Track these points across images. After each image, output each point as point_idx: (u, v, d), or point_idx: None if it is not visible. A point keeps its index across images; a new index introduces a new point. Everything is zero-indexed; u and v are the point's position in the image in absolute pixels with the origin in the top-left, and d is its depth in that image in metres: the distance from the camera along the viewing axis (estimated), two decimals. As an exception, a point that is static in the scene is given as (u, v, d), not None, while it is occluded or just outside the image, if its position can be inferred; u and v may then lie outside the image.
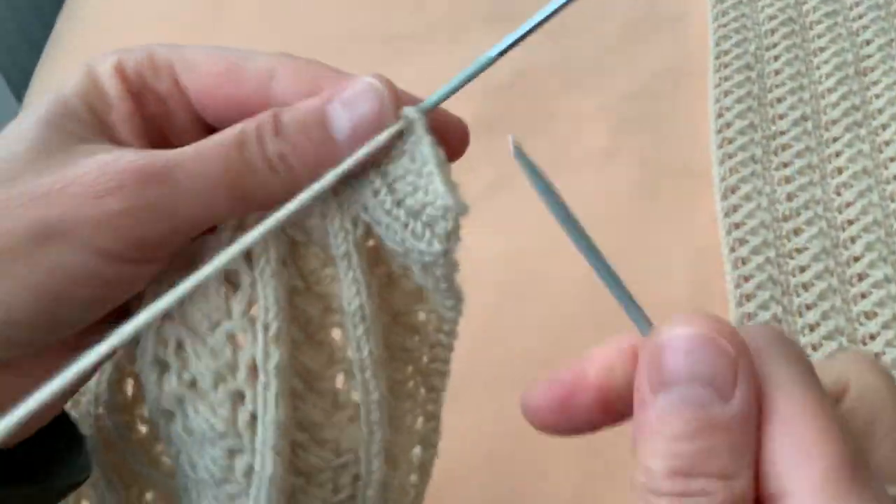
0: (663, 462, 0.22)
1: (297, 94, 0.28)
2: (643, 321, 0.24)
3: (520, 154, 0.24)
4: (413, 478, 0.35)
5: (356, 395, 0.31)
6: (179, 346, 0.29)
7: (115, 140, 0.28)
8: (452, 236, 0.27)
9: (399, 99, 0.28)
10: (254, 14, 0.73)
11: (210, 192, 0.27)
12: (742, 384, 0.22)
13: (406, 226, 0.28)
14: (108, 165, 0.26)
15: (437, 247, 0.27)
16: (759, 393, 0.22)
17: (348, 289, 0.30)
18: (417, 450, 0.35)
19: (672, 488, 0.21)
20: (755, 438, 0.22)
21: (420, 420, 0.34)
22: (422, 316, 0.32)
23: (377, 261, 0.30)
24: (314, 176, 0.26)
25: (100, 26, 0.74)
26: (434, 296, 0.31)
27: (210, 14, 0.73)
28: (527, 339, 0.51)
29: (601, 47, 0.68)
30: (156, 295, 0.29)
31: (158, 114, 0.29)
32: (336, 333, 0.31)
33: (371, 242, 0.30)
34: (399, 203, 0.28)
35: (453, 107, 0.28)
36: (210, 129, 0.29)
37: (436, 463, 0.46)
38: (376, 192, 0.28)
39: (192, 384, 0.29)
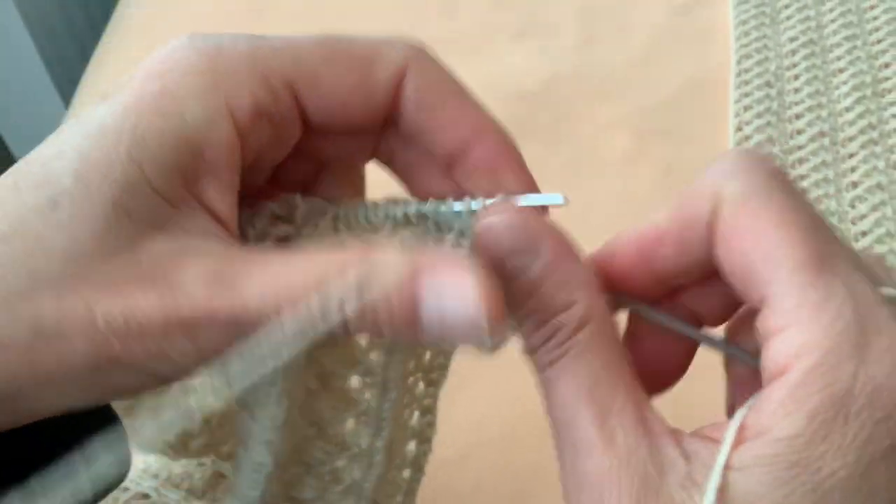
0: (527, 318, 0.26)
1: (422, 112, 0.28)
2: None
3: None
4: (406, 473, 0.35)
5: (369, 394, 0.31)
6: None
7: (200, 199, 0.26)
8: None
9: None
10: (295, 16, 0.75)
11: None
12: (541, 241, 0.26)
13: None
14: (175, 308, 0.24)
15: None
16: (561, 241, 0.26)
17: None
18: (412, 445, 0.34)
19: (540, 337, 0.26)
20: (577, 269, 0.26)
21: (416, 415, 0.34)
22: None
23: None
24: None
25: (150, 33, 0.77)
26: None
27: (252, 17, 0.76)
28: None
29: (627, 59, 0.70)
30: None
31: (264, 145, 0.27)
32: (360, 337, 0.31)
33: None
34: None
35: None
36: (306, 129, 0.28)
37: (454, 438, 0.47)
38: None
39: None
